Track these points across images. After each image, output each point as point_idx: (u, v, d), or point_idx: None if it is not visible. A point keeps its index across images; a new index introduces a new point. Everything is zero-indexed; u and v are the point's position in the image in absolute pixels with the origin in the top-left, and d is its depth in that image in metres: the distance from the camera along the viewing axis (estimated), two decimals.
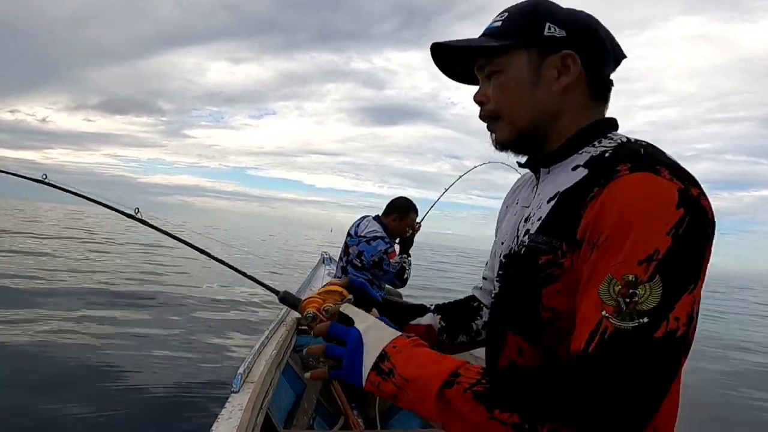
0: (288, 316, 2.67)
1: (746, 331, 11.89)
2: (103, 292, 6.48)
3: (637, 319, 0.56)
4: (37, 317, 4.73)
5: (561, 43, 0.76)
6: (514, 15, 0.79)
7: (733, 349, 8.67)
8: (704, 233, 0.61)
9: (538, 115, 0.78)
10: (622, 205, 0.61)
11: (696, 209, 0.60)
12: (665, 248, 0.57)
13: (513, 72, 0.78)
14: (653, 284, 0.57)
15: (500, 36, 0.78)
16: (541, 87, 0.77)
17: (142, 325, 4.81)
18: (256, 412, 1.46)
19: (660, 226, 0.58)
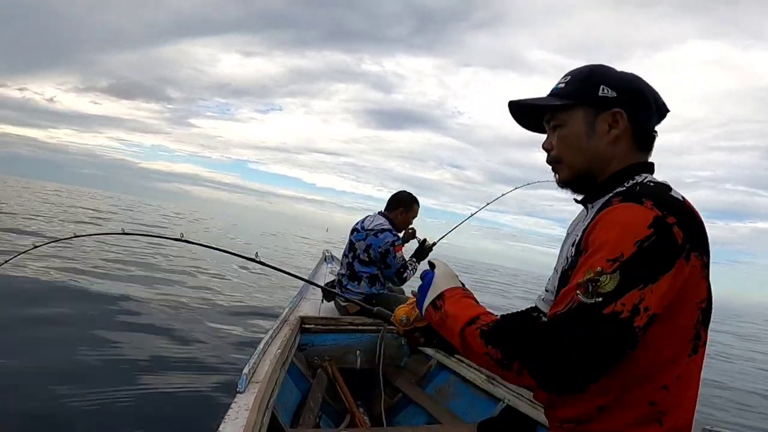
0: (291, 315, 2.67)
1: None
2: (102, 292, 6.50)
3: (595, 298, 0.76)
4: (41, 316, 4.75)
5: (612, 102, 0.94)
6: (575, 78, 0.98)
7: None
8: (667, 252, 0.78)
9: (592, 161, 0.97)
10: (606, 223, 0.81)
11: (665, 232, 0.78)
12: (629, 253, 0.76)
13: (572, 126, 0.97)
14: (613, 276, 0.76)
15: (563, 96, 0.98)
16: (594, 138, 0.96)
17: (142, 325, 4.81)
18: (262, 411, 1.47)
19: (630, 238, 0.77)
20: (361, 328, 2.70)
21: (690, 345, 0.85)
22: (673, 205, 0.82)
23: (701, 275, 0.84)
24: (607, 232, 0.80)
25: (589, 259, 0.80)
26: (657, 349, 0.83)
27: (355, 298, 3.11)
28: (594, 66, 0.99)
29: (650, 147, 0.99)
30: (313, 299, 3.43)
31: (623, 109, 0.94)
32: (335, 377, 2.44)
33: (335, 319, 2.78)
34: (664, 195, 0.85)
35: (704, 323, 0.86)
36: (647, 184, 0.90)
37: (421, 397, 2.42)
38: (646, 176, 0.93)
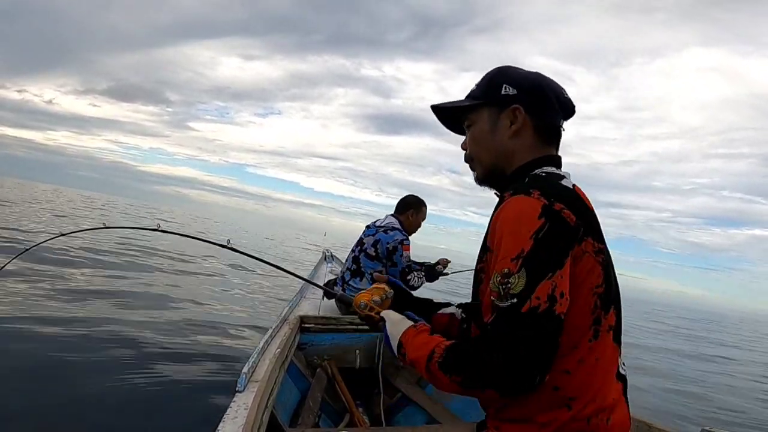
0: (291, 314, 2.67)
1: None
2: (102, 292, 6.50)
3: (510, 300, 0.78)
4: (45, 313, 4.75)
5: (512, 99, 0.99)
6: (483, 80, 1.05)
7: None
8: (563, 235, 0.82)
9: (498, 156, 1.02)
10: (502, 221, 0.85)
11: (555, 218, 0.82)
12: (528, 248, 0.79)
13: (479, 125, 1.04)
14: (520, 275, 0.79)
15: (473, 98, 1.05)
16: (498, 134, 1.01)
17: (143, 324, 4.81)
18: (262, 410, 1.46)
19: (525, 231, 0.81)
20: (360, 327, 2.70)
21: (590, 330, 0.87)
22: (561, 192, 0.87)
23: (595, 260, 0.87)
24: (504, 229, 0.84)
25: (495, 261, 0.84)
26: None
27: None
28: (500, 67, 1.05)
29: (555, 141, 1.03)
30: (313, 298, 3.43)
31: (521, 105, 0.99)
32: (335, 377, 2.44)
33: (335, 319, 2.78)
34: (553, 183, 0.90)
35: (604, 308, 0.89)
36: (539, 176, 0.94)
37: (420, 396, 2.42)
38: (547, 168, 0.97)
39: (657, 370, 7.48)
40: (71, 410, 2.80)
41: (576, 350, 0.87)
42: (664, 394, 5.78)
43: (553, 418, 0.86)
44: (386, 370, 2.53)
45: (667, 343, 10.98)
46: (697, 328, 20.44)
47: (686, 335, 15.79)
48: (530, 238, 0.80)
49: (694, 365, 8.99)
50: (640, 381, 5.97)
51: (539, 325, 0.77)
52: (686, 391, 6.23)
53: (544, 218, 0.81)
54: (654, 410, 4.75)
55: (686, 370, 8.15)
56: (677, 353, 10.15)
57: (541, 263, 0.79)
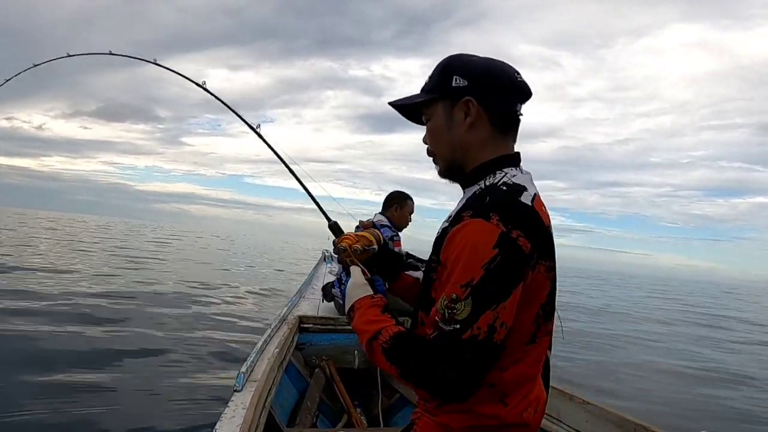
0: (290, 314, 2.67)
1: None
2: (101, 293, 6.49)
3: (453, 325, 0.82)
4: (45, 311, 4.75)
5: (464, 91, 0.97)
6: (434, 73, 1.02)
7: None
8: (515, 266, 0.84)
9: (455, 150, 1.01)
10: (457, 244, 0.86)
11: (511, 248, 0.83)
12: (478, 278, 0.81)
13: (435, 119, 1.02)
14: (467, 303, 0.81)
15: (427, 92, 1.02)
16: (454, 128, 0.99)
17: (143, 324, 4.81)
18: (259, 410, 1.46)
19: (478, 260, 0.82)
20: None
21: (528, 337, 0.92)
22: (520, 215, 0.87)
23: (546, 278, 0.90)
24: (458, 253, 0.85)
25: (447, 282, 0.86)
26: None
27: None
28: (449, 57, 1.02)
29: (513, 129, 1.02)
30: (312, 299, 3.43)
31: (473, 96, 0.96)
32: (333, 377, 2.43)
33: (334, 319, 2.77)
34: (512, 204, 0.90)
35: (546, 318, 0.93)
36: (499, 190, 0.93)
37: None
38: (506, 173, 0.96)
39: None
40: (69, 410, 2.79)
41: (513, 353, 0.91)
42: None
43: (491, 413, 0.92)
44: (384, 371, 2.53)
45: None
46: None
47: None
48: (482, 267, 0.82)
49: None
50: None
51: (476, 353, 0.82)
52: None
53: (498, 249, 0.82)
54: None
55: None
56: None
57: (488, 294, 0.82)
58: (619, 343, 8.03)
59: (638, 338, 8.93)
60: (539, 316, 0.92)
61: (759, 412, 4.93)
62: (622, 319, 11.93)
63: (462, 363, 0.82)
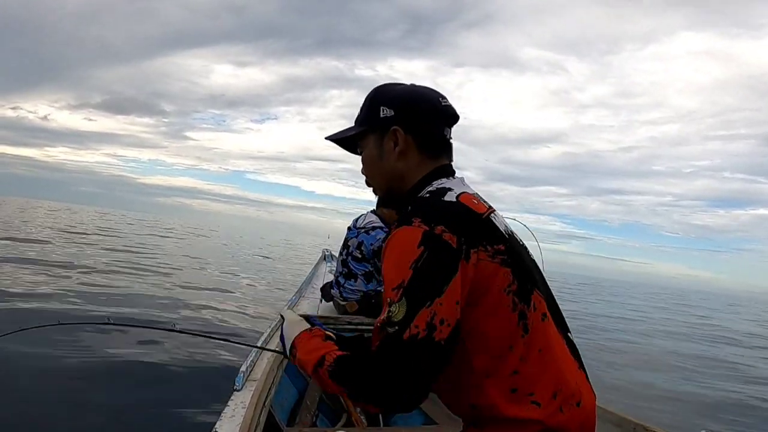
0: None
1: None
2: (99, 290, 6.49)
3: (392, 327, 0.82)
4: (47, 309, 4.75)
5: (391, 121, 1.00)
6: (364, 104, 1.05)
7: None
8: (442, 262, 0.84)
9: (390, 179, 1.04)
10: (387, 252, 0.89)
11: (435, 244, 0.84)
12: (408, 278, 0.83)
13: (368, 151, 1.05)
14: (401, 303, 0.82)
15: (359, 123, 1.05)
16: (384, 158, 1.02)
17: (140, 322, 4.81)
18: (259, 409, 1.46)
19: (406, 262, 0.84)
20: (359, 327, 2.70)
21: (519, 327, 0.90)
22: (441, 213, 0.89)
23: (494, 263, 0.89)
24: (388, 261, 0.88)
25: (384, 288, 0.87)
26: (485, 345, 0.89)
27: (354, 296, 3.11)
28: (377, 88, 1.05)
29: (444, 151, 1.05)
30: (312, 298, 3.43)
31: (400, 125, 0.99)
32: None
33: (333, 319, 2.77)
34: (434, 204, 0.93)
35: (524, 302, 0.91)
36: (423, 198, 0.97)
37: None
38: (436, 184, 0.99)
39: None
40: (66, 410, 2.79)
41: (513, 350, 0.89)
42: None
43: (528, 416, 0.88)
44: None
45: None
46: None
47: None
48: (409, 267, 0.83)
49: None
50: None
51: (418, 353, 0.81)
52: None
53: (423, 246, 0.84)
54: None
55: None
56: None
57: (420, 292, 0.82)
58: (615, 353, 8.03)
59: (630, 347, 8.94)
60: (516, 303, 0.90)
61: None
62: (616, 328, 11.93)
63: (406, 364, 0.81)
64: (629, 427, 1.58)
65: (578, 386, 0.94)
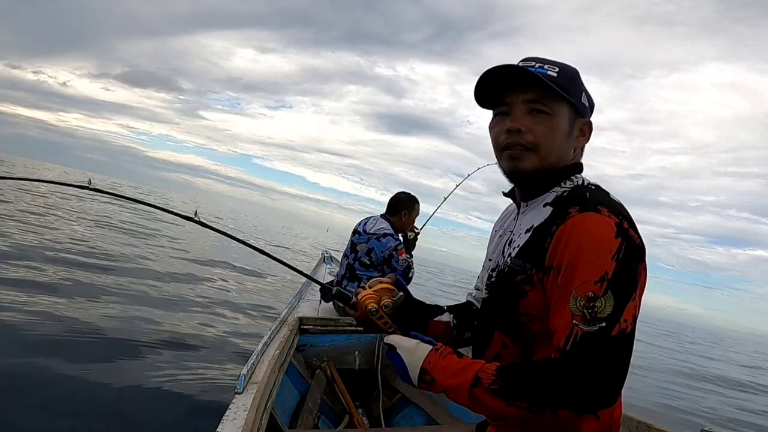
0: (290, 315, 2.67)
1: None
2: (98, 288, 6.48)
3: (598, 324, 0.77)
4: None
5: (587, 111, 0.99)
6: (566, 73, 0.95)
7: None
8: (637, 256, 0.82)
9: (559, 159, 0.97)
10: (576, 239, 0.82)
11: (629, 238, 0.82)
12: (612, 270, 0.78)
13: (560, 120, 0.95)
14: (607, 298, 0.77)
15: (557, 84, 0.92)
16: (570, 139, 0.97)
17: (139, 322, 4.80)
18: (261, 412, 1.46)
19: (606, 253, 0.79)
20: (359, 328, 2.70)
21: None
22: (622, 210, 0.87)
23: (646, 276, 0.89)
24: (580, 249, 0.81)
25: (570, 282, 0.80)
26: None
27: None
28: (576, 70, 0.98)
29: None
30: (311, 300, 3.43)
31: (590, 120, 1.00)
32: (334, 378, 2.44)
33: (334, 320, 2.77)
34: (612, 200, 0.90)
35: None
36: (592, 189, 0.93)
37: (419, 397, 2.42)
38: (581, 177, 0.98)
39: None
40: (65, 411, 2.79)
41: None
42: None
43: (586, 428, 0.88)
44: (385, 371, 2.53)
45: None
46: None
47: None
48: (612, 259, 0.79)
49: None
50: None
51: (627, 347, 0.78)
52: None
53: (620, 238, 0.81)
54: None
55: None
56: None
57: (626, 285, 0.79)
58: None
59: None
60: (635, 318, 0.88)
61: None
62: None
63: (618, 361, 0.77)
64: (631, 425, 1.58)
65: (617, 412, 0.93)
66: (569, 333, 0.78)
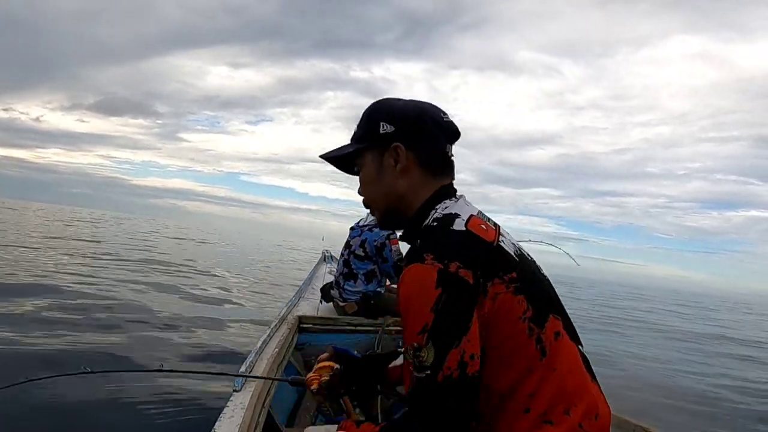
0: (289, 314, 2.67)
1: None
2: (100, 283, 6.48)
3: (425, 371, 0.81)
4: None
5: (391, 137, 0.95)
6: (362, 120, 1.00)
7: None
8: (462, 299, 0.82)
9: (390, 198, 0.98)
10: (402, 295, 0.85)
11: (453, 284, 0.82)
12: (431, 321, 0.81)
13: (366, 169, 1.00)
14: (428, 347, 0.80)
15: (357, 140, 1.00)
16: (384, 176, 0.97)
17: (139, 322, 4.81)
18: (258, 410, 1.46)
19: (425, 304, 0.81)
20: (359, 328, 2.70)
21: (538, 351, 0.88)
22: (454, 246, 0.86)
23: (512, 293, 0.87)
24: (406, 303, 0.84)
25: (405, 332, 0.85)
26: (504, 371, 0.87)
27: (353, 297, 3.10)
28: (375, 104, 1.00)
29: (446, 169, 1.00)
30: (311, 299, 3.43)
31: (401, 141, 0.95)
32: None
33: (333, 319, 2.77)
34: (444, 237, 0.88)
35: (539, 326, 0.89)
36: (431, 228, 0.92)
37: None
38: (437, 209, 0.94)
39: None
40: (64, 411, 2.79)
41: (533, 373, 0.87)
42: None
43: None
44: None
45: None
46: None
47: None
48: (430, 310, 0.81)
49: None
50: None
51: (455, 392, 0.81)
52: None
53: (441, 288, 0.81)
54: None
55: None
56: None
57: (445, 334, 0.81)
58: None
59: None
60: (532, 330, 0.88)
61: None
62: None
63: (446, 407, 0.80)
64: (629, 429, 1.58)
65: (595, 399, 0.92)
66: (410, 380, 0.84)
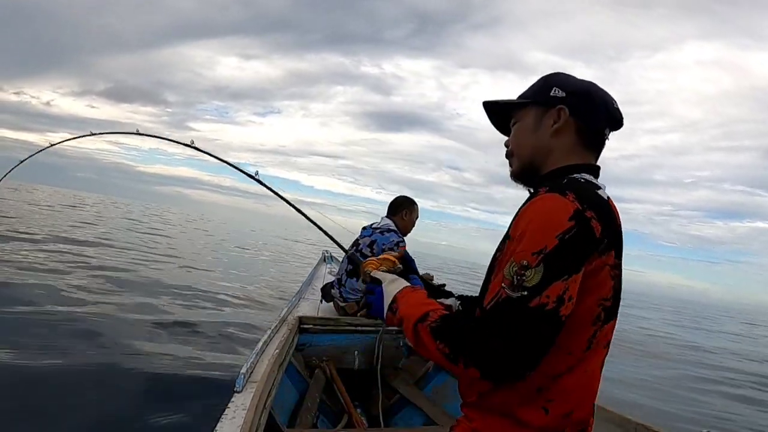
0: (289, 315, 2.67)
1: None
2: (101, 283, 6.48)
3: (521, 291, 0.79)
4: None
5: (559, 100, 0.99)
6: (537, 82, 1.05)
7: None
8: (586, 243, 0.82)
9: (535, 152, 1.01)
10: (530, 213, 0.85)
11: (585, 225, 0.82)
12: (552, 246, 0.80)
13: (524, 121, 1.04)
14: (537, 270, 0.79)
15: (522, 97, 1.05)
16: (540, 131, 1.01)
17: (138, 322, 4.80)
18: (260, 411, 1.46)
19: (552, 230, 0.81)
20: (359, 328, 2.70)
21: (587, 341, 0.88)
22: (595, 201, 0.86)
23: (610, 273, 0.88)
24: (531, 222, 0.83)
25: (514, 249, 0.84)
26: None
27: (354, 297, 3.11)
28: (555, 72, 1.06)
29: (596, 148, 1.03)
30: (312, 299, 3.44)
31: (567, 107, 0.98)
32: (333, 377, 2.44)
33: (334, 320, 2.77)
34: (590, 191, 0.89)
35: (605, 321, 0.90)
36: (577, 180, 0.92)
37: (418, 398, 2.42)
38: (585, 176, 0.95)
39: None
40: (65, 411, 2.79)
41: (569, 357, 0.87)
42: None
43: (530, 419, 0.88)
44: (384, 371, 2.53)
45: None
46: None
47: None
48: (556, 237, 0.80)
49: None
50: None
51: (542, 323, 0.78)
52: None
53: (574, 221, 0.81)
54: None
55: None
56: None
57: (560, 264, 0.79)
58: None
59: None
60: (599, 318, 0.88)
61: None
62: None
63: (527, 332, 0.78)
64: (630, 427, 1.58)
65: (589, 414, 0.93)
66: (495, 294, 0.82)
